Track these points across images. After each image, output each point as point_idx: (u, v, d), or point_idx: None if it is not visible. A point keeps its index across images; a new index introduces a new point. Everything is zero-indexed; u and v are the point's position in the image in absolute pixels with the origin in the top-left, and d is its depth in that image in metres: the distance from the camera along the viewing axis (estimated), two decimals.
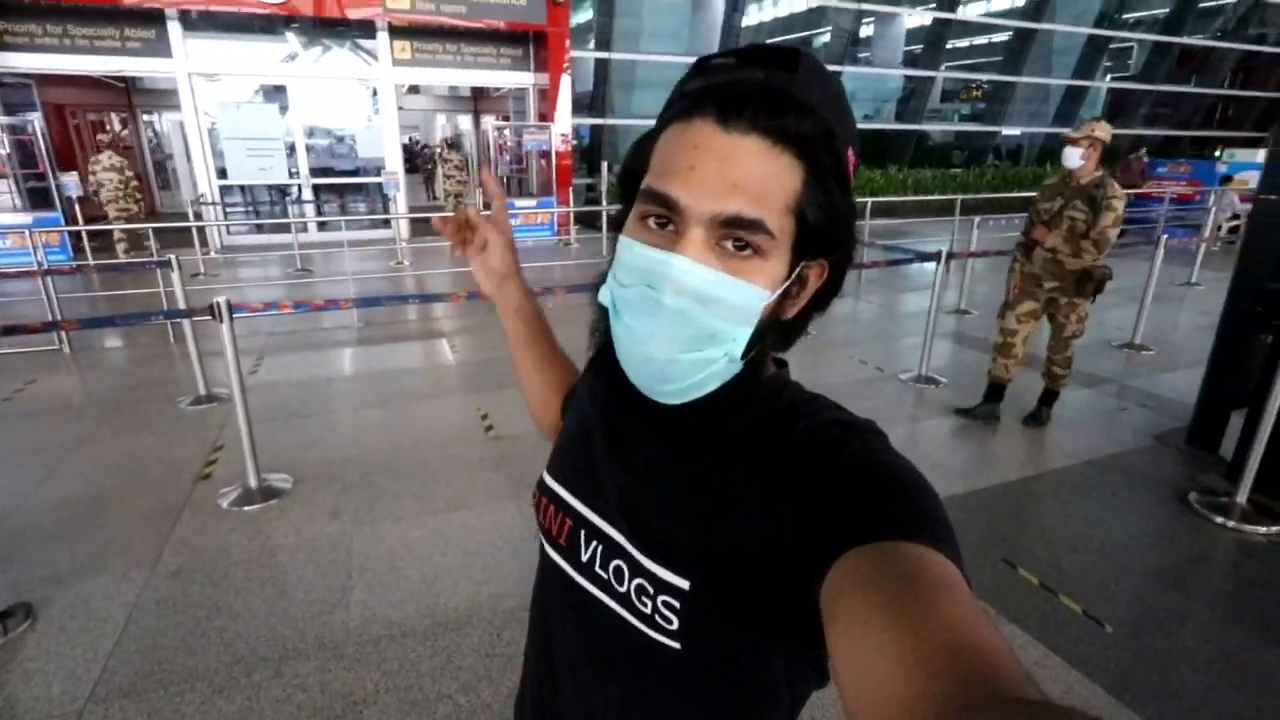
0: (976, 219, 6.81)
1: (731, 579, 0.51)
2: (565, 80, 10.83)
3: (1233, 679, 2.11)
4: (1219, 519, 2.93)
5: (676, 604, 0.53)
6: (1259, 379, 3.03)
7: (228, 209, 10.12)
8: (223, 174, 9.73)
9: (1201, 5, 16.87)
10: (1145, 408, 4.23)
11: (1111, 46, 17.35)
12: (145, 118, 13.55)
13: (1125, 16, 17.31)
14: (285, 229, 9.45)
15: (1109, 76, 18.30)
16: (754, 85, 0.48)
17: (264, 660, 2.12)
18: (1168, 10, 17.04)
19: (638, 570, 0.56)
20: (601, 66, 12.60)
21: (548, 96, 10.98)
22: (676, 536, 0.55)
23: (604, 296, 0.56)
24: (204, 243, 8.76)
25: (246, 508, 2.98)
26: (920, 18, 16.59)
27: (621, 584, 0.57)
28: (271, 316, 5.82)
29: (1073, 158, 3.40)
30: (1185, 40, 17.12)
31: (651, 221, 0.51)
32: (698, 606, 0.52)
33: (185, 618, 2.31)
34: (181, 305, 4.31)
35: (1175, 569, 2.65)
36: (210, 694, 2.00)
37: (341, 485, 3.19)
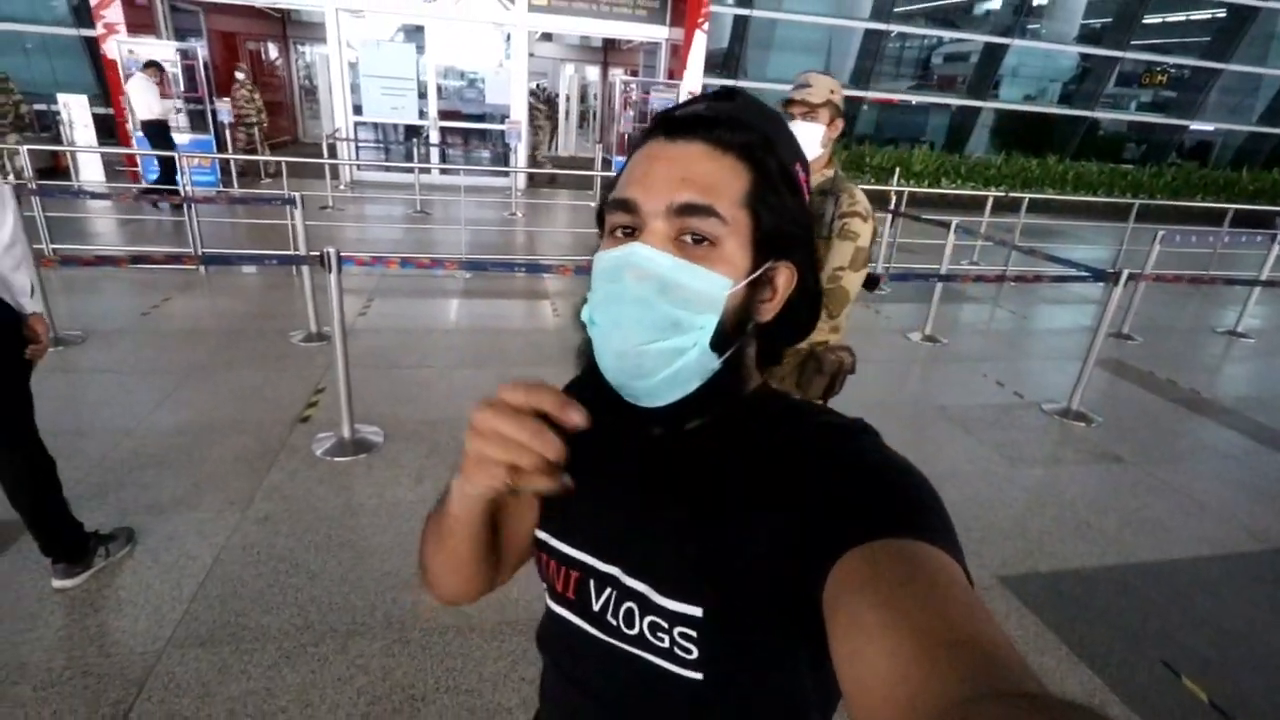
0: (1160, 231, 5.80)
1: (744, 596, 0.51)
2: (700, 36, 10.31)
3: None
4: None
5: (693, 633, 0.53)
6: None
7: (360, 145, 10.49)
8: (358, 110, 10.05)
9: None
10: None
11: None
12: (301, 48, 14.30)
13: None
14: (410, 169, 9.67)
15: None
16: (696, 110, 0.54)
17: (332, 631, 2.07)
18: None
19: (648, 608, 0.55)
20: (740, 24, 11.91)
21: (680, 53, 10.51)
22: (684, 564, 0.54)
23: (585, 314, 0.57)
24: (335, 176, 9.13)
25: (338, 459, 2.98)
26: None
27: (633, 626, 0.57)
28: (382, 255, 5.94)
29: (806, 139, 1.86)
30: None
31: (619, 233, 0.54)
32: (715, 631, 0.52)
33: (266, 569, 2.31)
34: (302, 243, 4.39)
35: None
36: (278, 658, 1.97)
37: (429, 448, 3.14)
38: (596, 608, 0.60)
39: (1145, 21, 14.53)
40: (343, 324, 2.92)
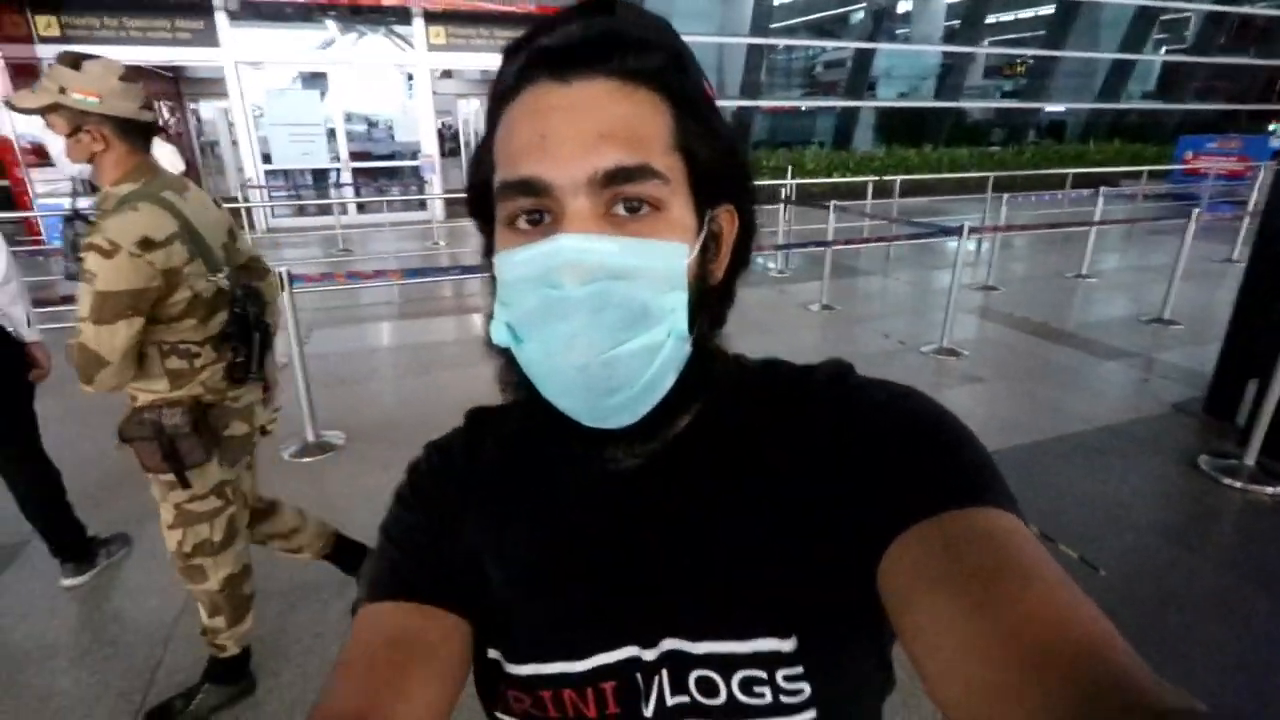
0: (1005, 195, 6.77)
1: (831, 600, 0.44)
2: None
3: (1221, 620, 2.23)
4: (1227, 480, 3.01)
5: (800, 669, 0.44)
6: (1272, 346, 3.09)
7: (272, 193, 10.58)
8: (267, 159, 10.16)
9: None
10: (1167, 379, 4.27)
11: (1163, 19, 16.72)
12: (192, 106, 14.13)
13: None
14: (327, 210, 9.85)
15: (1164, 49, 17.67)
16: (578, 35, 0.40)
17: (327, 584, 2.40)
18: None
19: (733, 664, 0.45)
20: None
21: None
22: (757, 595, 0.45)
23: (498, 335, 0.45)
24: (251, 225, 9.21)
25: (305, 459, 3.28)
26: None
27: (717, 695, 0.45)
28: (317, 293, 6.17)
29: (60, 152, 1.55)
30: (1243, 10, 16.41)
31: (522, 221, 0.42)
32: (818, 656, 0.44)
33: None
34: None
35: (1177, 524, 2.76)
36: (284, 609, 2.28)
37: (390, 443, 3.47)
38: (650, 711, 0.47)
39: (996, 20, 16.26)
40: (299, 337, 3.24)
